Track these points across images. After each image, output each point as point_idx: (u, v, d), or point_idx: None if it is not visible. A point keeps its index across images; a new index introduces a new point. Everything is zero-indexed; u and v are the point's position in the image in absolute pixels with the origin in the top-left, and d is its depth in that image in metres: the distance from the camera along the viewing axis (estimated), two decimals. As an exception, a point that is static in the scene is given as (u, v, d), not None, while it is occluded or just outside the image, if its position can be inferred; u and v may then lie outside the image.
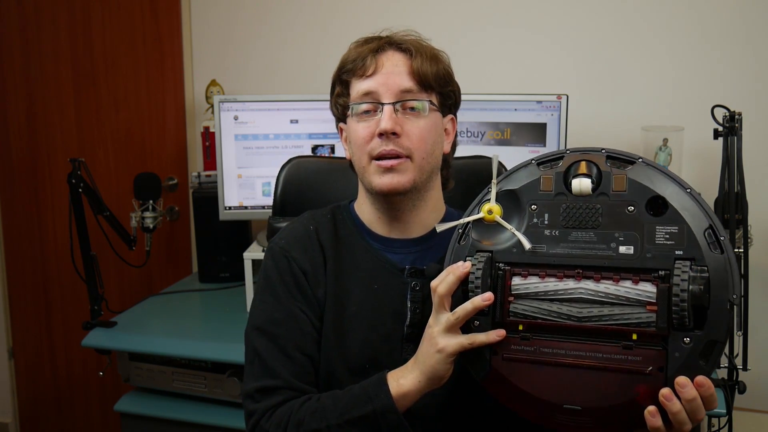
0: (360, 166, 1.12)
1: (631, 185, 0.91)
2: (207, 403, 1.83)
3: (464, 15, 2.17)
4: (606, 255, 0.90)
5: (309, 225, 1.18)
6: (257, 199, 2.14)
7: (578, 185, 0.93)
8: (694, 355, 0.84)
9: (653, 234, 0.88)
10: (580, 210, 0.92)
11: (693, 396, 0.83)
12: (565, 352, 0.90)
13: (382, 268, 1.14)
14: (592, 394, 0.88)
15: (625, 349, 0.87)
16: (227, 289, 2.19)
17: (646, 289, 0.87)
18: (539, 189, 0.95)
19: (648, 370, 0.86)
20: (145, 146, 2.54)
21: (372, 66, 1.10)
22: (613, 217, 0.91)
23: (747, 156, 1.63)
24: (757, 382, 1.96)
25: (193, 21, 2.43)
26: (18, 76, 2.62)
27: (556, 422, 0.90)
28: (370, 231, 1.17)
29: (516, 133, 1.98)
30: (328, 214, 1.21)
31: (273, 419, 1.02)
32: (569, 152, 0.97)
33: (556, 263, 0.92)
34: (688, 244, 0.87)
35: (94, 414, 2.74)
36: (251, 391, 1.07)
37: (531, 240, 0.93)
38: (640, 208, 0.90)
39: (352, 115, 1.12)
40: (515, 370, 0.91)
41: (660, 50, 2.02)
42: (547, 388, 0.90)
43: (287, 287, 1.12)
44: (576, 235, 0.92)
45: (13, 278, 2.76)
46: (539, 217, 0.94)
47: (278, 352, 1.08)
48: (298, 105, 2.11)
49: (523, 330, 0.92)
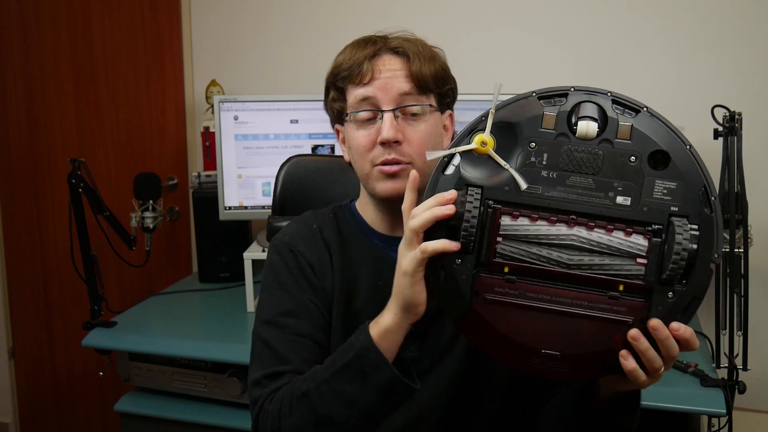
0: (363, 172, 1.11)
1: (635, 135, 0.88)
2: (207, 403, 1.83)
3: (464, 15, 2.17)
4: (602, 203, 0.87)
5: (312, 223, 1.18)
6: (257, 199, 2.14)
7: (585, 128, 0.88)
8: (676, 308, 0.85)
9: (651, 187, 0.87)
10: (582, 154, 0.88)
11: (666, 335, 0.84)
12: (549, 298, 0.87)
13: (386, 266, 1.14)
14: (573, 340, 0.87)
15: (610, 299, 0.86)
16: (227, 289, 2.19)
17: (638, 241, 0.87)
18: (540, 126, 0.90)
19: (630, 321, 0.86)
20: (145, 146, 2.54)
21: (369, 72, 1.09)
22: (614, 165, 0.88)
23: (747, 156, 1.63)
24: (757, 382, 1.96)
25: (193, 21, 2.43)
26: (18, 76, 2.62)
27: (531, 366, 0.89)
28: (373, 230, 1.17)
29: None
30: (330, 213, 1.21)
31: (275, 399, 1.00)
32: (574, 90, 0.92)
33: (550, 207, 0.88)
34: (684, 201, 0.86)
35: (94, 414, 2.74)
36: (259, 377, 1.04)
37: (526, 180, 0.88)
38: (642, 160, 0.87)
39: (351, 121, 1.11)
40: (497, 312, 0.88)
41: (660, 50, 2.02)
42: (527, 333, 0.88)
43: (296, 280, 1.11)
44: (574, 180, 0.88)
45: (13, 278, 2.76)
46: (537, 156, 0.89)
47: (288, 340, 1.06)
48: (298, 105, 2.11)
49: (509, 273, 0.88)
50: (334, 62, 1.14)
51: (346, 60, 1.11)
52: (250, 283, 1.94)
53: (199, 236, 2.26)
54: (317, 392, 0.95)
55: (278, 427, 0.96)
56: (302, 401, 0.96)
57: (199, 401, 1.84)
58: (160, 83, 2.49)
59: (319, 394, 0.95)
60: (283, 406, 0.97)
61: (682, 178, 0.87)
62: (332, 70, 1.14)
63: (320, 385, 0.95)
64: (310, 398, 0.95)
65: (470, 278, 0.88)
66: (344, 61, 1.11)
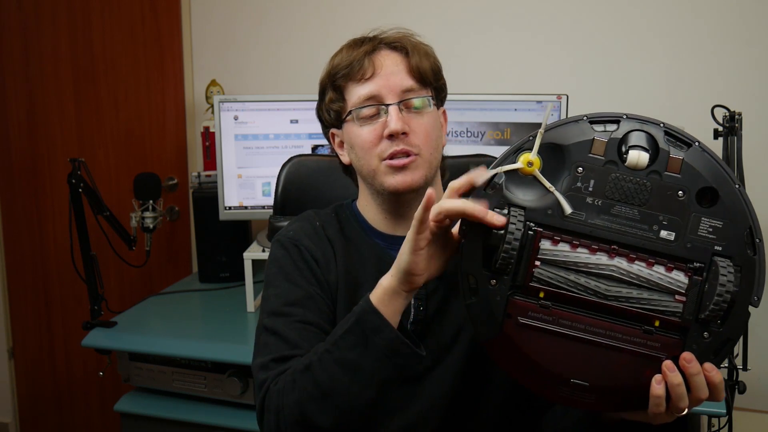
0: (369, 169, 1.11)
1: (685, 169, 0.86)
2: (207, 403, 1.83)
3: (464, 15, 2.17)
4: (646, 236, 0.85)
5: (315, 221, 1.18)
6: (257, 199, 2.14)
7: (636, 157, 0.86)
8: (710, 349, 0.84)
9: (697, 224, 0.85)
10: (630, 184, 0.86)
11: (697, 371, 0.83)
12: (583, 327, 0.86)
13: (387, 265, 1.13)
14: (603, 372, 0.86)
15: (644, 333, 0.85)
16: (227, 289, 2.19)
17: (678, 278, 0.85)
18: (589, 151, 0.87)
19: (664, 357, 0.84)
20: (145, 146, 2.54)
21: (370, 68, 1.09)
22: (662, 198, 0.86)
23: (747, 156, 1.63)
24: (757, 382, 1.96)
25: (193, 21, 2.44)
26: (18, 76, 2.62)
27: (557, 394, 0.88)
28: (374, 229, 1.17)
29: (516, 133, 1.98)
30: (331, 212, 1.21)
31: (280, 379, 0.98)
32: (627, 117, 0.89)
33: (593, 235, 0.86)
34: (729, 242, 0.85)
35: (94, 414, 2.73)
36: (266, 361, 1.02)
37: (571, 205, 0.86)
38: (690, 196, 0.86)
39: (354, 120, 1.11)
40: (528, 337, 0.86)
41: (660, 50, 2.03)
42: (558, 360, 0.86)
43: (301, 272, 1.11)
44: (619, 210, 0.86)
45: (13, 278, 2.76)
46: (584, 181, 0.86)
47: (296, 327, 1.05)
48: (298, 105, 2.11)
49: (544, 298, 0.86)
50: (330, 64, 1.14)
51: (343, 59, 1.11)
52: (250, 283, 1.94)
53: (199, 236, 2.26)
54: (319, 363, 0.94)
55: (281, 405, 0.95)
56: (304, 374, 0.94)
57: (199, 401, 1.84)
58: (160, 83, 2.49)
59: (321, 365, 0.93)
60: (286, 382, 0.95)
61: (728, 217, 0.85)
62: (329, 71, 1.14)
63: (322, 356, 0.94)
64: (312, 370, 0.94)
65: (504, 300, 0.86)
66: (342, 60, 1.11)
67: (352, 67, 1.10)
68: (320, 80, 1.17)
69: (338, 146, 1.18)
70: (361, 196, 1.20)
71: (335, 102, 1.14)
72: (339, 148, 1.18)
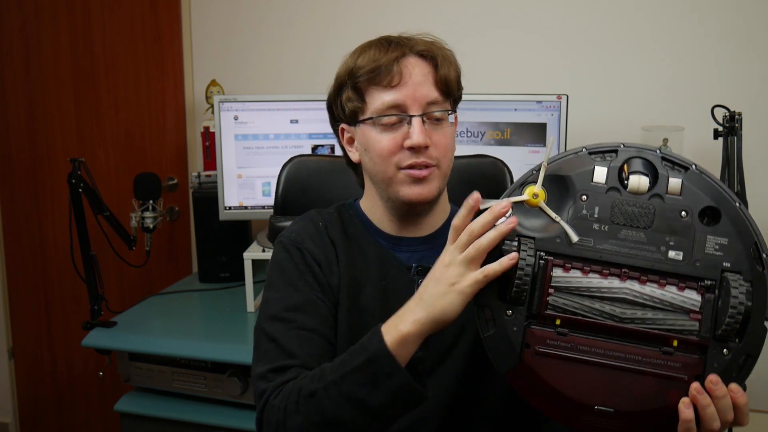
0: (385, 176, 1.09)
1: (686, 191, 0.89)
2: (207, 403, 1.83)
3: (465, 15, 2.17)
4: (655, 258, 0.88)
5: (318, 221, 1.17)
6: (257, 199, 2.14)
7: (637, 182, 0.89)
8: (732, 367, 0.85)
9: (703, 243, 0.87)
10: (633, 208, 0.89)
11: (723, 393, 0.84)
12: (603, 352, 0.87)
13: (390, 266, 1.14)
14: (627, 397, 0.86)
15: (664, 354, 0.86)
16: (227, 289, 2.19)
17: (691, 296, 0.87)
18: (591, 180, 0.90)
19: (686, 378, 0.85)
20: (145, 146, 2.54)
21: (397, 76, 1.06)
22: (666, 220, 0.88)
23: (747, 156, 1.63)
24: (757, 382, 1.96)
25: (193, 21, 2.44)
26: (18, 76, 2.62)
27: (582, 423, 0.88)
28: (378, 229, 1.17)
29: (516, 133, 1.98)
30: (334, 212, 1.20)
31: (281, 393, 0.98)
32: (624, 147, 0.92)
33: (602, 259, 0.88)
34: (737, 258, 0.87)
35: (94, 414, 2.73)
36: (264, 371, 1.02)
37: (578, 232, 0.88)
38: (694, 216, 0.88)
39: (375, 125, 1.08)
40: (547, 365, 0.87)
41: (660, 50, 2.03)
42: (580, 388, 0.86)
43: (303, 275, 1.10)
44: (626, 234, 0.88)
45: (13, 278, 2.76)
46: (589, 209, 0.89)
47: (295, 335, 1.04)
48: (298, 105, 2.11)
49: (560, 325, 0.88)
50: (354, 61, 1.10)
51: (369, 60, 1.08)
52: (250, 283, 1.94)
53: (199, 236, 2.26)
54: (325, 393, 0.93)
55: (282, 424, 0.95)
56: (309, 401, 0.94)
57: (199, 401, 1.84)
58: (160, 83, 2.49)
59: (328, 395, 0.93)
60: (289, 403, 0.95)
61: (733, 234, 0.87)
62: (351, 68, 1.10)
63: (329, 386, 0.93)
64: (318, 398, 0.94)
65: (521, 330, 0.88)
66: (367, 61, 1.08)
67: (378, 72, 1.07)
68: (338, 74, 1.13)
69: (347, 142, 1.17)
70: (367, 196, 1.19)
71: (353, 101, 1.11)
72: (348, 145, 1.17)
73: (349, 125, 1.14)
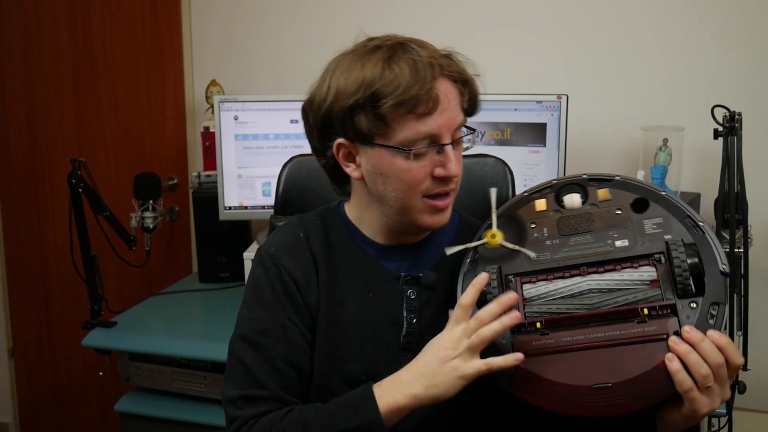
0: (406, 204, 1.04)
1: (614, 194, 1.04)
2: (207, 403, 1.83)
3: (464, 15, 2.17)
4: (605, 250, 0.99)
5: (299, 232, 1.13)
6: (257, 199, 2.14)
7: (570, 200, 1.05)
8: (704, 316, 0.91)
9: (642, 227, 0.99)
10: (575, 219, 1.03)
11: (700, 338, 0.88)
12: (584, 338, 0.94)
13: (377, 276, 1.11)
14: (619, 369, 0.91)
15: (639, 323, 0.93)
16: (227, 289, 2.19)
17: (647, 271, 0.96)
18: (535, 210, 1.06)
19: (666, 334, 0.91)
20: (145, 146, 2.54)
21: (431, 103, 0.98)
22: (605, 220, 1.02)
23: (747, 156, 1.63)
24: (757, 382, 1.96)
25: (193, 21, 2.43)
26: (18, 76, 2.62)
27: (587, 405, 0.92)
28: (365, 237, 1.13)
29: (516, 133, 1.98)
30: (317, 219, 1.16)
31: (255, 429, 0.99)
32: (555, 181, 1.08)
33: (561, 265, 0.99)
34: (675, 228, 0.98)
35: (94, 414, 2.73)
36: (234, 397, 1.03)
37: (534, 251, 1.01)
38: (626, 209, 1.01)
39: (400, 152, 1.00)
40: (540, 363, 0.94)
41: (660, 50, 2.02)
42: (573, 373, 0.93)
43: (277, 296, 1.08)
44: (575, 240, 1.01)
45: (13, 278, 2.76)
46: (539, 231, 1.04)
47: (264, 363, 1.04)
48: (298, 105, 2.07)
49: (542, 327, 0.96)
50: (371, 79, 0.99)
51: (400, 87, 0.97)
52: (250, 283, 1.94)
53: (199, 236, 2.26)
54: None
55: None
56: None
57: (199, 401, 1.84)
58: (160, 83, 2.49)
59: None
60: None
61: (664, 214, 1.00)
62: (373, 90, 0.98)
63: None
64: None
65: (509, 339, 0.97)
66: (397, 87, 0.97)
67: (416, 101, 0.97)
68: (348, 88, 1.00)
69: (344, 158, 1.08)
70: (358, 207, 1.14)
71: (371, 123, 1.00)
72: (345, 160, 1.08)
73: (351, 142, 1.05)
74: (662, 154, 1.87)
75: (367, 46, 1.04)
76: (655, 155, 1.87)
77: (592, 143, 2.08)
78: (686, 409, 0.90)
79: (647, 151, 1.89)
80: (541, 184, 1.09)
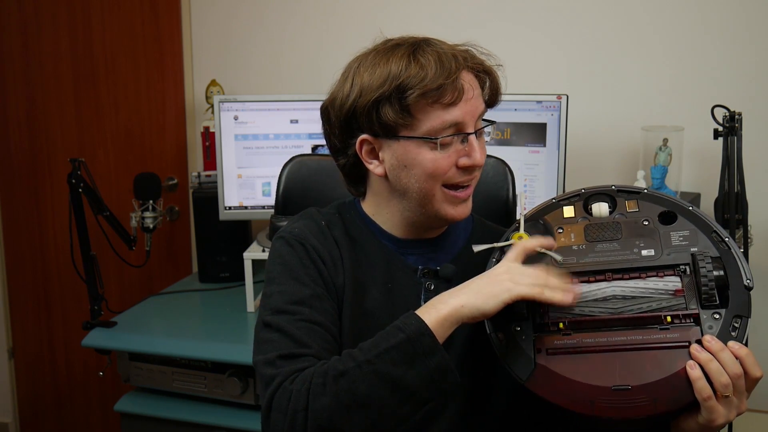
0: (428, 193, 1.05)
1: (642, 205, 1.05)
2: (207, 403, 1.83)
3: (464, 14, 2.17)
4: (631, 258, 1.00)
5: (320, 220, 1.13)
6: (257, 199, 2.14)
7: (598, 208, 1.07)
8: (726, 328, 0.93)
9: (669, 238, 1.01)
10: (602, 226, 1.04)
11: (720, 347, 0.90)
12: (606, 340, 0.95)
13: (396, 268, 1.12)
14: (640, 372, 0.92)
15: (661, 330, 0.94)
16: (227, 289, 2.19)
17: (672, 281, 0.98)
18: (563, 216, 1.08)
19: (688, 342, 0.92)
20: (145, 146, 2.54)
21: (456, 92, 1.01)
22: (632, 229, 1.03)
23: (747, 156, 1.63)
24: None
25: (193, 21, 2.44)
26: (18, 76, 2.62)
27: (605, 406, 0.92)
28: (384, 231, 1.14)
29: (516, 133, 1.98)
30: (334, 212, 1.16)
31: (298, 379, 0.93)
32: (584, 190, 1.10)
33: (586, 270, 1.00)
34: (701, 242, 0.99)
35: (94, 414, 2.73)
36: (272, 358, 0.97)
37: (561, 255, 1.01)
38: (654, 221, 1.03)
39: (426, 142, 1.02)
40: (560, 361, 0.95)
41: (660, 50, 2.03)
42: (594, 373, 0.93)
43: (307, 270, 1.06)
44: (601, 247, 1.02)
45: (13, 278, 2.76)
46: (566, 237, 1.05)
47: (304, 326, 1.00)
48: (298, 105, 2.11)
49: (564, 328, 0.98)
50: (397, 72, 1.01)
51: (424, 76, 1.00)
52: (250, 283, 1.94)
53: (199, 236, 2.26)
54: (358, 371, 0.90)
55: (305, 407, 0.90)
56: (339, 381, 0.90)
57: (199, 401, 1.84)
58: (160, 83, 2.49)
59: (361, 373, 0.90)
60: (314, 384, 0.91)
61: (691, 227, 1.01)
62: (399, 81, 1.00)
63: (362, 365, 0.90)
64: (349, 377, 0.90)
65: (531, 337, 0.98)
66: (420, 76, 1.00)
67: (442, 90, 1.00)
68: (374, 82, 1.02)
69: (368, 154, 1.08)
70: (375, 204, 1.14)
71: (397, 115, 1.01)
72: (368, 156, 1.08)
73: (375, 137, 1.06)
74: (662, 154, 1.87)
75: (388, 44, 1.07)
76: (655, 155, 1.87)
77: (592, 143, 2.08)
78: (702, 418, 0.91)
79: (647, 151, 1.90)
80: (570, 192, 1.11)
